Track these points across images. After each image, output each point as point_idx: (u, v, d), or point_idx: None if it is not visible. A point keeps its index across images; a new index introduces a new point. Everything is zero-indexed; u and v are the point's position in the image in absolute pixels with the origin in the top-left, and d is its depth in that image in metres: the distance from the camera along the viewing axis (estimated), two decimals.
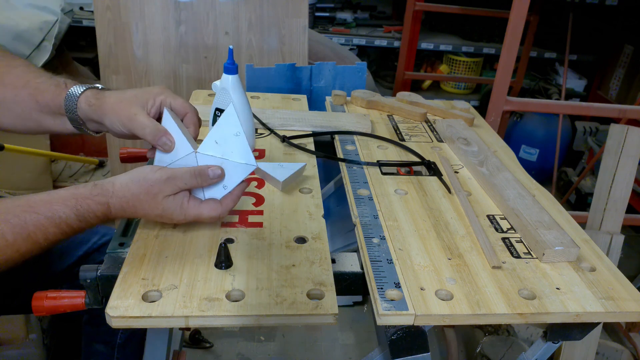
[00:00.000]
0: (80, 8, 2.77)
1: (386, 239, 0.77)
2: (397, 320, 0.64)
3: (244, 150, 0.73)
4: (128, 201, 0.67)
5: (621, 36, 3.07)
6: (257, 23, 1.72)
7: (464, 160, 1.03)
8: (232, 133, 0.73)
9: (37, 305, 0.67)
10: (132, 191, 0.67)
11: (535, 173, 1.12)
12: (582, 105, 1.89)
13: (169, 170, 0.69)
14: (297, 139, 1.07)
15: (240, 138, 0.73)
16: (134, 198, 0.67)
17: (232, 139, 0.73)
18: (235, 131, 0.73)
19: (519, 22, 1.52)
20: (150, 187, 0.68)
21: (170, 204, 0.69)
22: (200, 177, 0.71)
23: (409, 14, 3.04)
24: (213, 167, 0.72)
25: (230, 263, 0.69)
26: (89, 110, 0.78)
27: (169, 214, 0.70)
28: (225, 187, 0.74)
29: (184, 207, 0.70)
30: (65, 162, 2.32)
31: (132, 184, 0.68)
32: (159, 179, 0.68)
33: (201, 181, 0.71)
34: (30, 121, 0.83)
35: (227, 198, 0.73)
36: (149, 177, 0.68)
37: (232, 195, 0.74)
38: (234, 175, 0.74)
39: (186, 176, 0.69)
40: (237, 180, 0.74)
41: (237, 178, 0.74)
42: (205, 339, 1.75)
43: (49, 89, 0.80)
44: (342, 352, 1.78)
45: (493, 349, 1.62)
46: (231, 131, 0.73)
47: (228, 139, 0.73)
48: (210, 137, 0.74)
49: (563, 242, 0.76)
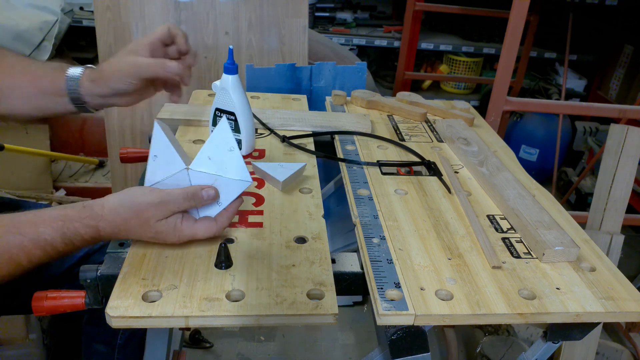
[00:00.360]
0: (80, 8, 2.77)
1: (386, 239, 0.77)
2: (397, 320, 0.64)
3: (238, 166, 0.71)
4: (118, 225, 0.66)
5: (621, 36, 3.07)
6: (257, 23, 1.72)
7: (464, 160, 1.03)
8: (226, 149, 0.71)
9: (37, 305, 0.67)
10: (122, 216, 0.65)
11: (535, 173, 1.12)
12: (582, 105, 1.89)
13: (160, 193, 0.67)
14: (297, 139, 1.07)
15: (235, 153, 0.71)
16: (125, 223, 0.66)
17: (226, 154, 0.71)
18: (229, 146, 0.71)
19: (519, 22, 1.52)
20: (141, 212, 0.66)
21: (163, 227, 0.67)
22: (193, 199, 0.68)
23: (409, 14, 3.04)
24: (207, 188, 0.70)
25: (230, 263, 0.69)
26: (93, 86, 0.81)
27: (163, 236, 0.68)
28: (219, 204, 0.72)
29: (178, 228, 0.69)
30: (65, 162, 2.32)
31: (122, 209, 0.65)
32: (150, 203, 0.66)
33: (195, 203, 0.69)
34: (29, 106, 0.84)
35: (222, 215, 0.72)
36: (139, 201, 0.66)
37: (227, 212, 0.72)
38: (229, 191, 0.72)
39: (179, 199, 0.67)
40: (231, 197, 0.72)
41: (231, 194, 0.72)
42: (205, 339, 1.75)
43: (47, 73, 0.82)
44: (342, 352, 1.78)
45: (493, 349, 1.62)
46: (225, 146, 0.71)
47: (222, 155, 0.71)
48: (203, 153, 0.71)
49: (563, 242, 0.76)
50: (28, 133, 2.11)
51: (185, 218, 0.70)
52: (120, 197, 0.67)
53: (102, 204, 0.66)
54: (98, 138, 2.24)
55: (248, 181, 0.72)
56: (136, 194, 0.67)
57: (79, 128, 2.33)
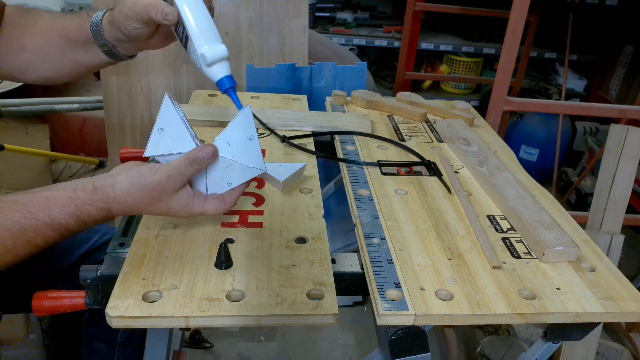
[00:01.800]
0: (80, 8, 2.77)
1: (386, 239, 0.77)
2: (397, 320, 0.64)
3: (255, 154, 0.72)
4: (131, 206, 0.67)
5: (621, 36, 3.07)
6: (257, 23, 1.72)
7: (464, 161, 1.03)
8: (246, 136, 0.72)
9: (37, 305, 0.68)
10: (135, 197, 0.67)
11: (535, 173, 1.12)
12: (582, 106, 1.89)
13: (166, 168, 0.67)
14: (297, 139, 1.07)
15: (254, 142, 0.72)
16: (137, 203, 0.67)
17: (245, 142, 0.72)
18: (249, 134, 0.72)
19: (519, 22, 1.52)
20: (152, 191, 0.67)
21: (174, 204, 0.69)
22: (196, 163, 0.69)
23: (409, 14, 3.05)
24: (203, 148, 0.69)
25: (230, 263, 0.69)
26: (112, 30, 0.79)
27: (174, 212, 0.70)
28: (229, 184, 0.73)
29: (189, 206, 0.70)
30: (65, 162, 2.32)
31: (133, 190, 0.66)
32: (159, 181, 0.67)
33: (199, 167, 0.70)
34: (65, 62, 0.85)
35: (231, 195, 0.73)
36: (149, 181, 0.67)
37: (234, 192, 0.73)
38: (241, 175, 0.73)
39: (182, 167, 0.68)
40: (242, 180, 0.73)
41: (243, 178, 0.73)
42: (205, 339, 1.75)
43: (72, 23, 0.82)
44: (342, 352, 1.78)
45: (493, 349, 1.62)
46: (245, 134, 0.72)
47: (241, 142, 0.72)
48: (222, 137, 0.72)
49: (563, 242, 0.76)
50: (28, 133, 2.12)
51: (196, 195, 0.71)
52: (130, 178, 0.67)
53: (112, 186, 0.66)
54: (98, 138, 2.24)
55: (262, 169, 0.73)
56: (144, 174, 0.67)
57: (79, 128, 2.33)
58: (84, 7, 2.78)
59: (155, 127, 0.71)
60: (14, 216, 0.61)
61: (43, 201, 0.64)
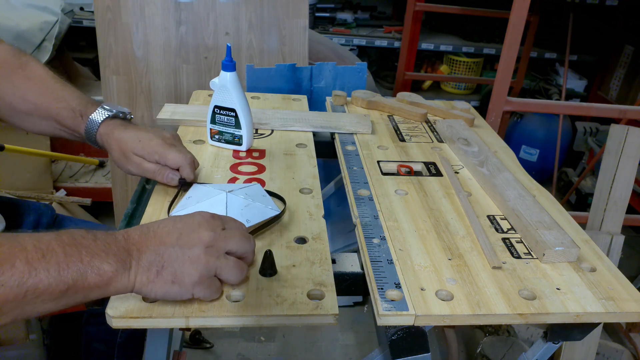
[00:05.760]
0: (80, 8, 2.77)
1: (386, 240, 0.77)
2: (398, 320, 0.64)
3: (268, 202, 0.80)
4: None
5: (621, 36, 3.07)
6: (257, 23, 1.72)
7: (464, 161, 1.03)
8: (261, 194, 0.82)
9: None
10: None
11: (535, 173, 1.12)
12: (582, 106, 1.89)
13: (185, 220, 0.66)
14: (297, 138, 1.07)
15: (267, 198, 0.81)
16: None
17: (260, 198, 0.80)
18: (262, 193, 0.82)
19: (519, 22, 1.52)
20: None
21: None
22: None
23: (409, 14, 3.04)
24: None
25: (274, 271, 0.68)
26: (105, 142, 0.87)
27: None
28: (248, 221, 0.74)
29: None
30: (65, 162, 2.32)
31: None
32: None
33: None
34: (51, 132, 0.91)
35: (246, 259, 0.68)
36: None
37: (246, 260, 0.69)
38: (258, 214, 0.77)
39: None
40: (258, 219, 0.76)
41: (259, 217, 0.76)
42: (205, 340, 1.75)
43: (69, 116, 0.87)
44: (343, 352, 1.78)
45: (493, 349, 1.62)
46: (260, 192, 0.82)
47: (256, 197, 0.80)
48: (240, 190, 0.80)
49: (563, 243, 0.76)
50: (28, 133, 2.11)
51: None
52: None
53: None
54: None
55: (276, 210, 0.79)
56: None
57: None
58: (84, 8, 2.78)
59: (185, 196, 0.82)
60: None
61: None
